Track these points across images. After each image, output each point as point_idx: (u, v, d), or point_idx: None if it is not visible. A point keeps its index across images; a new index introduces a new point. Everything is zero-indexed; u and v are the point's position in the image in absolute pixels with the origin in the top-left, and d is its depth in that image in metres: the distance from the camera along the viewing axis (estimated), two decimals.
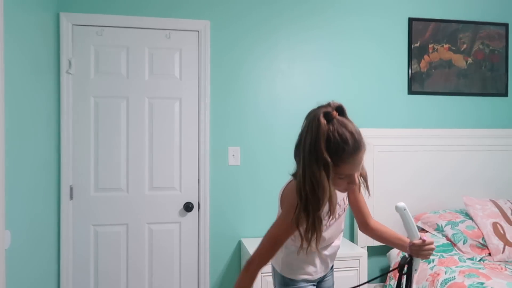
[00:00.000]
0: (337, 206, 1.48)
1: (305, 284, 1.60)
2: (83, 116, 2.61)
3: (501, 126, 3.14)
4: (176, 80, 2.71)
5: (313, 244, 1.30)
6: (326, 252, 1.60)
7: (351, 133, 1.25)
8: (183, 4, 2.72)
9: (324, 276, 1.68)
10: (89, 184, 2.62)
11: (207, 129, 2.73)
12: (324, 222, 1.35)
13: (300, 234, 1.31)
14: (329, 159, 1.21)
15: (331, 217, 1.36)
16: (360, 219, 1.66)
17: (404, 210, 1.39)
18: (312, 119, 1.26)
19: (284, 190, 1.46)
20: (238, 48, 2.79)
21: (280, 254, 1.60)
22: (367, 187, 1.47)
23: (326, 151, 1.22)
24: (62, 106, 2.56)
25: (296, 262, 1.58)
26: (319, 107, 1.30)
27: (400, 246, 1.56)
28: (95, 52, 2.62)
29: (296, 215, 1.28)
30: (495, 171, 3.05)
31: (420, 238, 1.44)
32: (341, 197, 1.51)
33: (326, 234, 1.52)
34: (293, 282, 1.60)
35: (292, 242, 1.54)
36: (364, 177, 1.46)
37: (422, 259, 1.46)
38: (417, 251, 1.44)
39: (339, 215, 1.53)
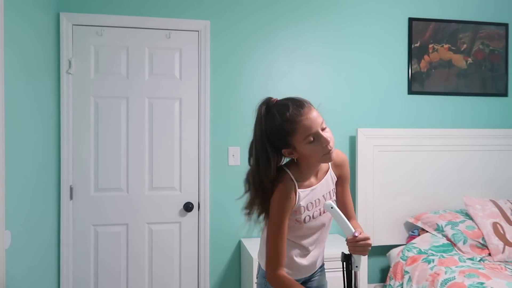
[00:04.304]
0: (322, 198, 1.49)
1: None
2: (83, 116, 2.61)
3: (501, 126, 3.14)
4: (176, 80, 2.71)
5: (250, 215, 1.42)
6: (314, 251, 1.55)
7: (292, 100, 1.37)
8: (183, 4, 2.72)
9: (311, 276, 1.63)
10: (89, 184, 2.62)
11: (207, 129, 2.73)
12: (307, 213, 1.45)
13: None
14: (270, 144, 1.36)
15: (314, 206, 1.45)
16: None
17: (331, 208, 1.37)
18: (256, 116, 1.41)
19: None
20: (238, 48, 2.79)
21: (262, 248, 1.57)
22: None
23: (275, 135, 1.36)
24: (62, 106, 2.56)
25: None
26: (260, 102, 1.42)
27: None
28: (95, 52, 2.62)
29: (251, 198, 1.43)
30: (495, 171, 3.05)
31: (353, 235, 1.39)
32: (327, 190, 1.51)
33: (311, 225, 1.48)
34: None
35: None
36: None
37: (359, 255, 1.42)
38: (352, 248, 1.40)
39: (324, 210, 1.49)
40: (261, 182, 1.39)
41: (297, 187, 1.42)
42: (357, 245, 1.38)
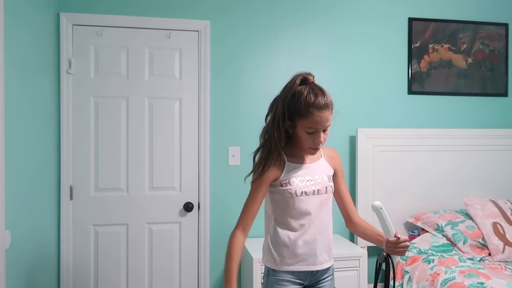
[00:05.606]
0: (316, 179, 1.59)
1: (289, 277, 1.57)
2: (83, 116, 2.61)
3: (501, 126, 3.14)
4: (176, 80, 2.71)
5: (258, 172, 1.55)
6: (308, 236, 1.56)
7: (322, 92, 1.50)
8: (183, 4, 2.72)
9: (317, 281, 1.63)
10: (89, 184, 2.62)
11: (207, 129, 2.73)
12: (300, 186, 1.55)
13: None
14: (286, 114, 1.50)
15: (308, 183, 1.56)
16: (344, 213, 1.74)
17: (380, 209, 1.46)
18: (289, 80, 1.54)
19: None
20: (238, 48, 2.79)
21: (264, 242, 1.65)
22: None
23: (292, 105, 1.49)
24: (62, 106, 2.56)
25: (278, 244, 1.57)
26: (301, 73, 1.55)
27: (379, 242, 1.60)
28: (95, 52, 2.62)
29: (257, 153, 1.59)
30: (495, 171, 3.05)
31: (395, 236, 1.48)
32: (324, 174, 1.62)
33: (303, 201, 1.55)
34: (274, 272, 1.58)
35: (271, 213, 1.62)
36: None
37: (398, 255, 1.52)
38: (392, 248, 1.50)
39: (319, 190, 1.57)
40: (270, 138, 1.54)
41: (286, 160, 1.57)
42: (399, 246, 1.48)
